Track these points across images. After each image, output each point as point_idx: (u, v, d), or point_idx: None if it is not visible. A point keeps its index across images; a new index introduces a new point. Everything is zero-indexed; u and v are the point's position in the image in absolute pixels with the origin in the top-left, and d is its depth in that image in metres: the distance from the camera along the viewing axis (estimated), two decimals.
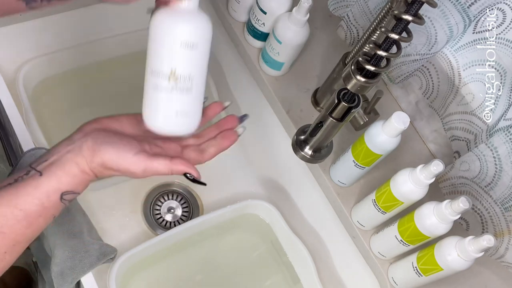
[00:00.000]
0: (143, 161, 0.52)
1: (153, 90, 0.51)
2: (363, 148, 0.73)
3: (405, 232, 0.72)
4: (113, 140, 0.52)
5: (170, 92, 0.50)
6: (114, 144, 0.52)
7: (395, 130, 0.69)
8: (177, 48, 0.49)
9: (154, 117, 0.53)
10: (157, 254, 0.88)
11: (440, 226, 0.68)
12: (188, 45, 0.49)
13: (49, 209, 0.51)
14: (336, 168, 0.82)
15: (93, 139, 0.52)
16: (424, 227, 0.69)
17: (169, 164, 0.53)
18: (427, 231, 0.69)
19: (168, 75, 0.50)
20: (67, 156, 0.52)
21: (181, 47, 0.49)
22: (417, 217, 0.69)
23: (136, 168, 0.52)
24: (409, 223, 0.71)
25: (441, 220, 0.67)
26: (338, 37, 0.92)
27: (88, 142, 0.52)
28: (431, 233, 0.69)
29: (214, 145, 0.58)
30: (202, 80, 0.52)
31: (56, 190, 0.51)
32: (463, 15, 0.71)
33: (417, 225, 0.69)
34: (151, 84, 0.51)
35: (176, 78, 0.50)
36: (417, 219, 0.69)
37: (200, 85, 0.52)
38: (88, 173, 0.52)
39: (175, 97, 0.51)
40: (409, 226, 0.71)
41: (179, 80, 0.50)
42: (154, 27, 0.50)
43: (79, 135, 0.54)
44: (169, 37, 0.49)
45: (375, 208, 0.75)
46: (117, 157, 0.51)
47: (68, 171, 0.51)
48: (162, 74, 0.50)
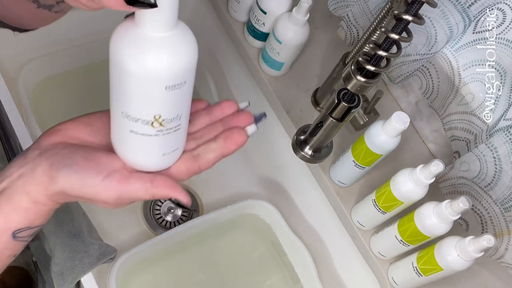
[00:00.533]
0: (115, 187, 0.41)
1: (130, 134, 0.41)
2: (363, 148, 0.73)
3: (405, 232, 0.72)
4: (75, 160, 0.41)
5: (154, 137, 0.41)
6: (77, 167, 0.40)
7: (395, 130, 0.69)
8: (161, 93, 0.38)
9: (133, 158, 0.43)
10: (157, 254, 0.88)
11: (440, 226, 0.68)
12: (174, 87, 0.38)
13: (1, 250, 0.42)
14: (336, 168, 0.82)
15: (49, 161, 0.41)
16: (424, 227, 0.69)
17: (150, 188, 0.42)
18: (427, 231, 0.69)
19: (152, 121, 0.40)
20: (17, 184, 0.41)
21: (167, 91, 0.38)
22: (417, 217, 0.69)
23: (107, 197, 0.41)
24: (409, 223, 0.71)
25: (441, 220, 0.67)
26: (338, 37, 0.92)
27: (43, 164, 0.41)
28: (431, 233, 0.69)
29: (214, 150, 0.45)
30: (189, 107, 0.43)
31: (5, 230, 0.42)
32: (463, 15, 0.71)
33: (417, 225, 0.69)
34: (125, 126, 0.41)
35: (161, 123, 0.40)
36: (417, 219, 0.69)
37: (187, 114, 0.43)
38: (43, 203, 0.42)
39: (161, 141, 0.41)
40: (409, 226, 0.71)
41: (165, 125, 0.40)
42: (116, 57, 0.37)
43: (34, 152, 0.43)
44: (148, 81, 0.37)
45: (375, 208, 0.75)
46: (81, 184, 0.40)
47: (17, 205, 0.41)
48: (141, 120, 0.40)
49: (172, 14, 0.36)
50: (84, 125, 0.45)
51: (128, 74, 0.37)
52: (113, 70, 0.38)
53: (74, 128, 0.44)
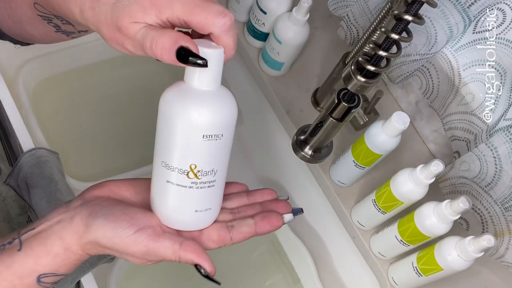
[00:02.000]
0: (144, 242, 0.42)
1: (166, 184, 0.43)
2: (363, 148, 0.73)
3: (405, 232, 0.72)
4: (113, 212, 0.43)
5: (189, 189, 0.42)
6: (112, 218, 0.42)
7: (395, 130, 0.69)
8: (198, 142, 0.40)
9: (167, 212, 0.44)
10: None
11: (440, 226, 0.68)
12: (212, 137, 0.41)
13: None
14: (336, 168, 0.82)
15: (88, 210, 0.43)
16: (424, 227, 0.69)
17: (177, 250, 0.43)
18: (427, 231, 0.69)
19: (187, 172, 0.42)
20: (53, 228, 0.43)
21: (204, 140, 0.40)
22: (417, 217, 0.69)
23: (136, 250, 0.42)
24: (409, 223, 0.71)
25: (441, 220, 0.67)
26: (338, 37, 0.92)
27: (83, 213, 0.43)
28: (431, 233, 0.69)
29: (250, 225, 0.46)
30: (226, 166, 0.45)
31: (32, 272, 0.43)
32: (463, 15, 0.71)
33: (417, 225, 0.69)
34: (163, 176, 0.43)
35: (196, 174, 0.42)
36: (417, 219, 0.69)
37: (224, 173, 0.45)
38: (74, 252, 0.43)
39: (195, 195, 0.43)
40: (409, 226, 0.71)
41: (200, 177, 0.42)
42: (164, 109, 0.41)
43: (77, 201, 0.45)
44: (187, 128, 0.40)
45: (375, 208, 0.75)
46: (112, 234, 0.42)
47: (49, 249, 0.43)
48: (178, 170, 0.42)
49: (217, 74, 0.41)
50: (129, 185, 0.47)
51: (172, 123, 0.40)
52: (160, 122, 0.42)
53: (119, 185, 0.46)
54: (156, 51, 0.38)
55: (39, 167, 0.76)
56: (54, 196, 0.75)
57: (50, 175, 0.76)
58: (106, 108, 1.03)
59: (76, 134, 0.99)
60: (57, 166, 0.79)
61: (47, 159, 0.77)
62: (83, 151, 0.98)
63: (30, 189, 0.76)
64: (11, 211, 1.49)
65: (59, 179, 0.77)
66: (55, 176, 0.77)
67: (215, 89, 0.41)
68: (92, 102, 1.03)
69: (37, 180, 0.75)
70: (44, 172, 0.76)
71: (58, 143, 0.92)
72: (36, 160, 0.76)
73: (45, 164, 0.77)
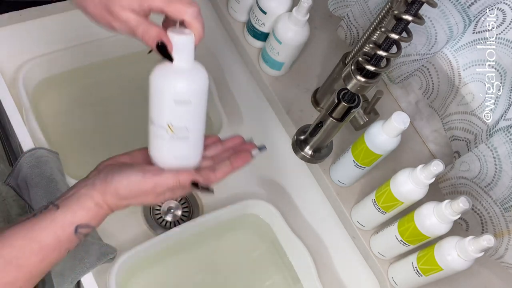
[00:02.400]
0: (151, 178, 0.55)
1: (155, 136, 0.56)
2: (363, 148, 0.73)
3: (405, 232, 0.72)
4: (123, 169, 0.56)
5: (169, 140, 0.55)
6: (124, 172, 0.55)
7: (395, 130, 0.69)
8: (171, 105, 0.53)
9: (157, 157, 0.58)
10: (157, 254, 0.88)
11: (440, 226, 0.68)
12: (181, 102, 0.53)
13: (63, 242, 0.53)
14: (336, 168, 0.82)
15: (105, 173, 0.56)
16: (424, 227, 0.69)
17: (176, 174, 0.56)
18: (427, 231, 0.69)
19: (166, 128, 0.54)
20: (82, 191, 0.55)
21: (176, 104, 0.53)
22: (417, 217, 0.69)
23: (146, 188, 0.55)
24: (409, 223, 0.71)
25: (441, 220, 0.67)
26: (338, 37, 0.92)
27: (100, 176, 0.56)
28: (431, 233, 0.69)
29: (227, 165, 0.59)
30: (200, 126, 0.57)
31: (71, 223, 0.53)
32: (463, 15, 0.71)
33: (417, 225, 0.69)
34: (153, 131, 0.56)
35: (173, 130, 0.54)
36: (417, 219, 0.69)
37: (197, 130, 0.57)
38: (102, 206, 0.55)
39: (174, 144, 0.56)
40: (409, 226, 0.71)
41: (176, 132, 0.55)
42: (151, 82, 0.53)
43: (94, 172, 0.58)
44: (164, 95, 0.53)
45: (375, 208, 0.75)
46: (127, 182, 0.54)
47: (82, 205, 0.54)
48: (161, 126, 0.54)
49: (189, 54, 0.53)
50: (126, 155, 0.61)
51: (155, 91, 0.53)
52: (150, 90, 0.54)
53: (120, 157, 0.60)
54: (144, 37, 0.52)
55: (39, 167, 0.76)
56: (54, 196, 0.75)
57: (50, 175, 0.76)
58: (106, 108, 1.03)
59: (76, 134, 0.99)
60: (57, 166, 0.79)
61: (47, 159, 0.77)
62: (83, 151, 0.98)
63: (30, 189, 0.76)
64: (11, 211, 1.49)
65: (59, 179, 0.77)
66: (55, 176, 0.77)
67: (189, 65, 0.53)
68: (92, 102, 1.02)
69: (37, 180, 0.75)
70: (44, 172, 0.76)
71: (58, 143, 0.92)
72: (36, 160, 0.76)
73: (45, 164, 0.77)
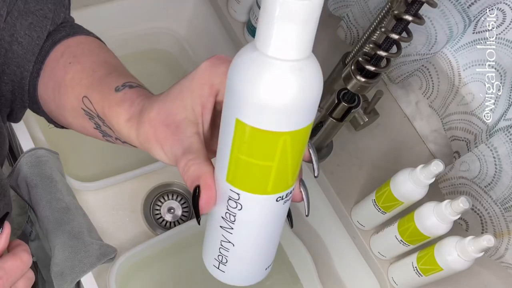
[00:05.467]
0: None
1: None
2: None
3: (405, 232, 0.72)
4: None
5: None
6: None
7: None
8: None
9: None
10: (157, 254, 0.88)
11: (440, 226, 0.68)
12: None
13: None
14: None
15: None
16: (424, 227, 0.69)
17: None
18: (427, 231, 0.69)
19: None
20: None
21: None
22: (417, 217, 0.69)
23: None
24: (409, 223, 0.71)
25: (441, 220, 0.67)
26: (338, 37, 0.92)
27: None
28: (431, 233, 0.69)
29: None
30: None
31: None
32: (463, 15, 0.71)
33: (417, 225, 0.69)
34: None
35: None
36: (417, 219, 0.69)
37: None
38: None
39: None
40: (409, 226, 0.71)
41: None
42: None
43: None
44: None
45: (375, 208, 0.75)
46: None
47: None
48: None
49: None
50: None
51: None
52: None
53: None
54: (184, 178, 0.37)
55: (39, 167, 0.76)
56: (54, 196, 0.75)
57: (50, 175, 0.76)
58: None
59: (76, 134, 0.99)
60: (57, 166, 0.79)
61: (47, 159, 0.77)
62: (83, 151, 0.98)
63: (30, 189, 0.76)
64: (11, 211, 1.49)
65: (59, 179, 0.77)
66: (55, 176, 0.77)
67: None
68: None
69: (37, 180, 0.75)
70: (44, 172, 0.76)
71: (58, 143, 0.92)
72: (36, 160, 0.76)
73: (45, 164, 0.77)
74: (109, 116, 0.43)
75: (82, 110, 0.48)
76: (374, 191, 0.76)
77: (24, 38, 0.49)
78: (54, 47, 0.51)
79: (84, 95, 0.47)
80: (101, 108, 0.45)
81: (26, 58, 0.50)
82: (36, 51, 0.50)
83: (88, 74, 0.48)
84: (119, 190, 0.93)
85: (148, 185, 0.97)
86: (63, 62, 0.50)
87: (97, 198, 0.90)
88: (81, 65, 0.49)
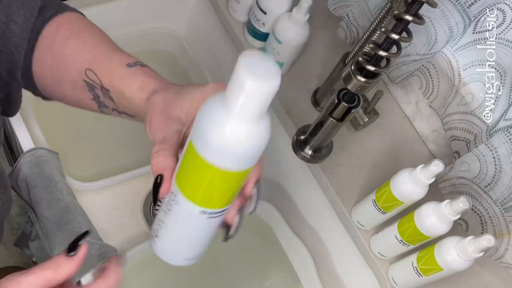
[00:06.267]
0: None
1: None
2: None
3: (405, 232, 0.72)
4: None
5: None
6: None
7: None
8: None
9: None
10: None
11: (440, 226, 0.68)
12: None
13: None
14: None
15: None
16: (424, 227, 0.69)
17: None
18: (427, 231, 0.69)
19: None
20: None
21: None
22: (417, 217, 0.69)
23: None
24: (409, 223, 0.71)
25: (441, 220, 0.67)
26: (338, 37, 0.92)
27: None
28: (431, 233, 0.69)
29: None
30: None
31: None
32: (463, 15, 0.71)
33: (417, 225, 0.69)
34: None
35: None
36: (417, 219, 0.69)
37: None
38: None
39: None
40: (409, 226, 0.71)
41: None
42: None
43: None
44: None
45: (375, 208, 0.75)
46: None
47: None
48: None
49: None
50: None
51: None
52: None
53: None
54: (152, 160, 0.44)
55: (39, 167, 0.76)
56: (54, 196, 0.75)
57: (50, 175, 0.76)
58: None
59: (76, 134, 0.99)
60: (57, 166, 0.79)
61: (47, 159, 0.77)
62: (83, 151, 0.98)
63: (30, 189, 0.76)
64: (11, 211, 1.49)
65: (59, 179, 0.77)
66: (55, 176, 0.77)
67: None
68: None
69: (37, 180, 0.75)
70: (44, 172, 0.76)
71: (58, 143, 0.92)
72: (36, 160, 0.76)
73: (45, 164, 0.77)
74: (120, 86, 0.48)
75: (84, 82, 0.51)
76: (374, 191, 0.76)
77: (19, 18, 0.51)
78: (46, 23, 0.53)
79: (87, 68, 0.50)
80: (109, 80, 0.49)
81: (23, 37, 0.51)
82: (29, 29, 0.52)
83: (90, 48, 0.51)
84: (119, 190, 0.93)
85: (148, 185, 0.96)
86: (60, 38, 0.52)
87: (97, 198, 0.90)
88: (81, 40, 0.52)
